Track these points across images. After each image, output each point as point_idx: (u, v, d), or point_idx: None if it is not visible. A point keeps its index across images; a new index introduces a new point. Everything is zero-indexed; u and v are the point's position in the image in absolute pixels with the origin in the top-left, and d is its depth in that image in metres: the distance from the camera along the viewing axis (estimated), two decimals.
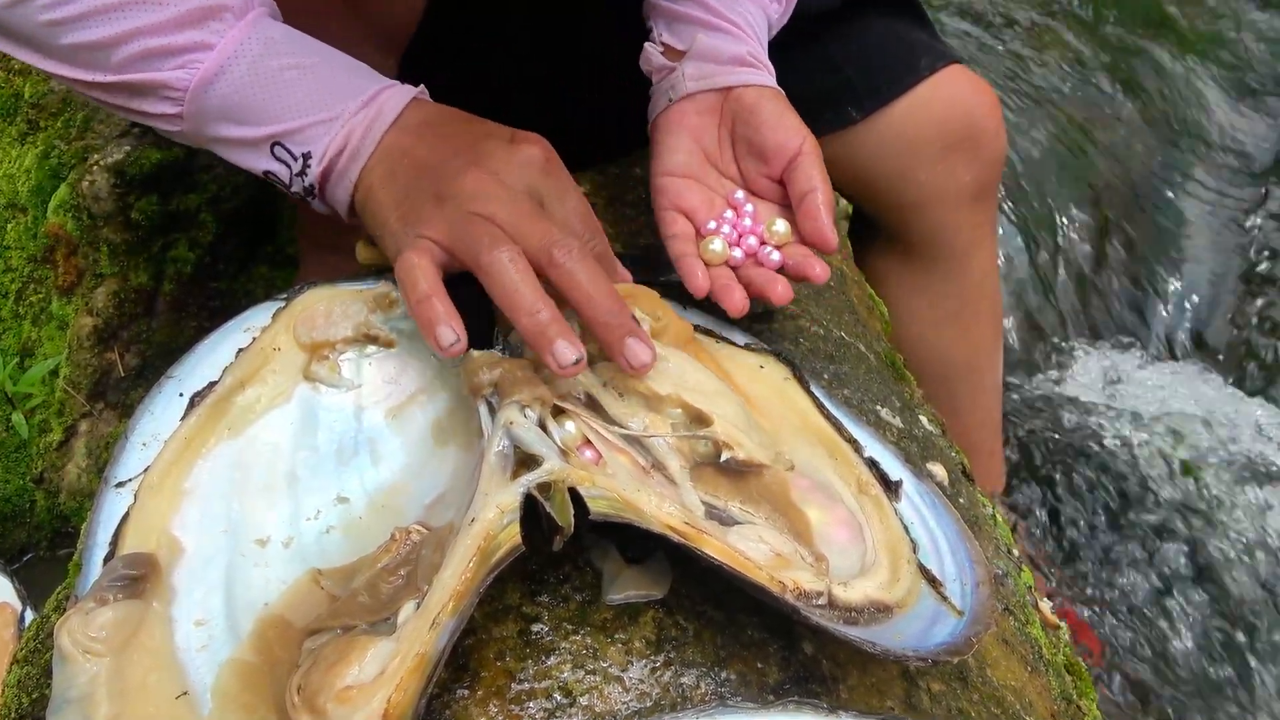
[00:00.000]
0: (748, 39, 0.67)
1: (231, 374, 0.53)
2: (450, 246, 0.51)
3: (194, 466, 0.49)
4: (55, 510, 0.99)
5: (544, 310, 0.48)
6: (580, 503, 0.43)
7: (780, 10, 0.72)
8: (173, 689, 0.41)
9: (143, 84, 0.53)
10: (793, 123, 0.64)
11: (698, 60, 0.66)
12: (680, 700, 0.43)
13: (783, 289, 0.60)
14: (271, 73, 0.53)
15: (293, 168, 0.54)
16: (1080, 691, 0.62)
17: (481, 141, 0.54)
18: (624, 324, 0.50)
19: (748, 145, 0.65)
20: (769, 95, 0.65)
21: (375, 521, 0.49)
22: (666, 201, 0.65)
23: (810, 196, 0.61)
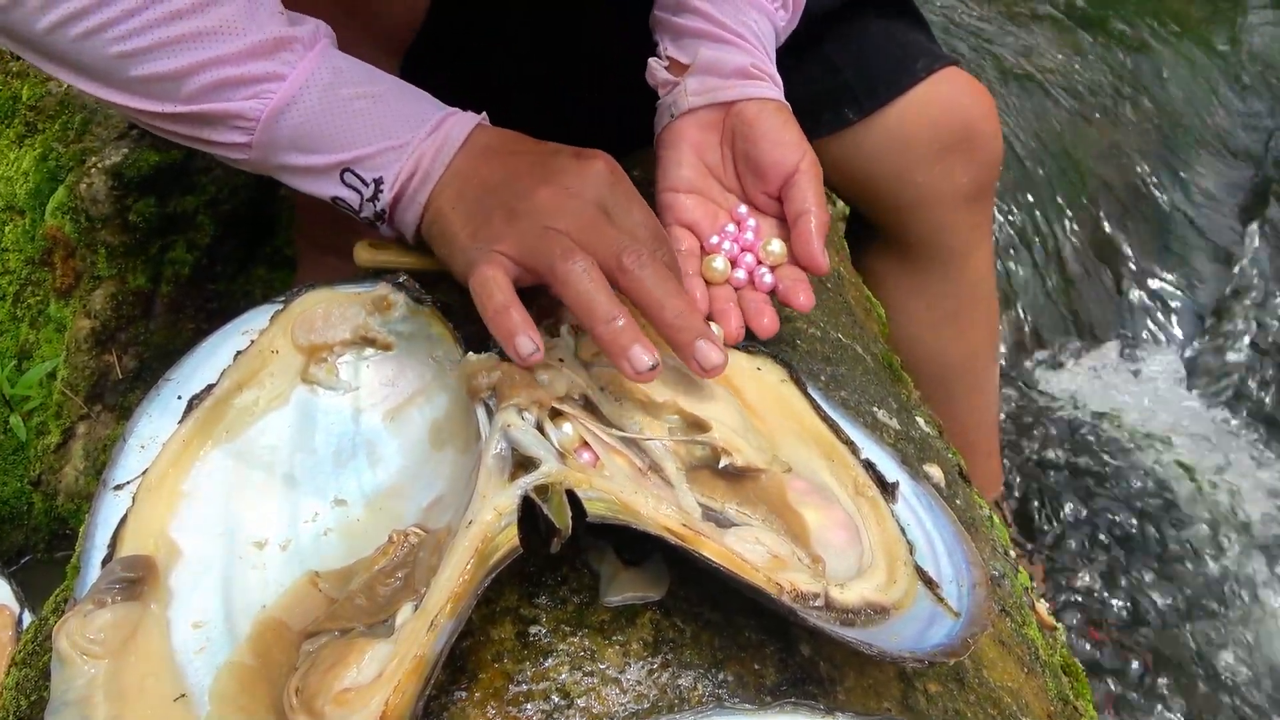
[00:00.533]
0: (753, 50, 0.67)
1: (229, 377, 0.53)
2: (523, 259, 0.52)
3: (192, 469, 0.49)
4: (53, 512, 0.99)
5: (620, 318, 0.49)
6: (578, 505, 0.43)
7: (788, 18, 0.72)
8: (171, 691, 0.41)
9: (214, 114, 0.54)
10: (792, 138, 0.64)
11: (701, 74, 0.67)
12: (678, 702, 0.43)
13: (769, 321, 0.61)
14: (342, 102, 0.55)
15: (364, 193, 0.56)
16: (1077, 692, 0.62)
17: (549, 159, 0.56)
18: (693, 326, 0.51)
19: (747, 161, 0.65)
20: (770, 110, 0.65)
21: (373, 524, 0.49)
22: (671, 217, 0.65)
23: (803, 219, 0.62)
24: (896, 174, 0.88)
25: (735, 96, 0.65)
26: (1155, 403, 1.48)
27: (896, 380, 0.75)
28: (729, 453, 0.50)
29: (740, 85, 0.66)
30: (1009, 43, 1.88)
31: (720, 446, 0.50)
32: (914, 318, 0.96)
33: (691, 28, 0.68)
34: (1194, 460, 1.39)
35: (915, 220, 0.91)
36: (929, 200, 0.89)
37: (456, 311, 0.56)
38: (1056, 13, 1.98)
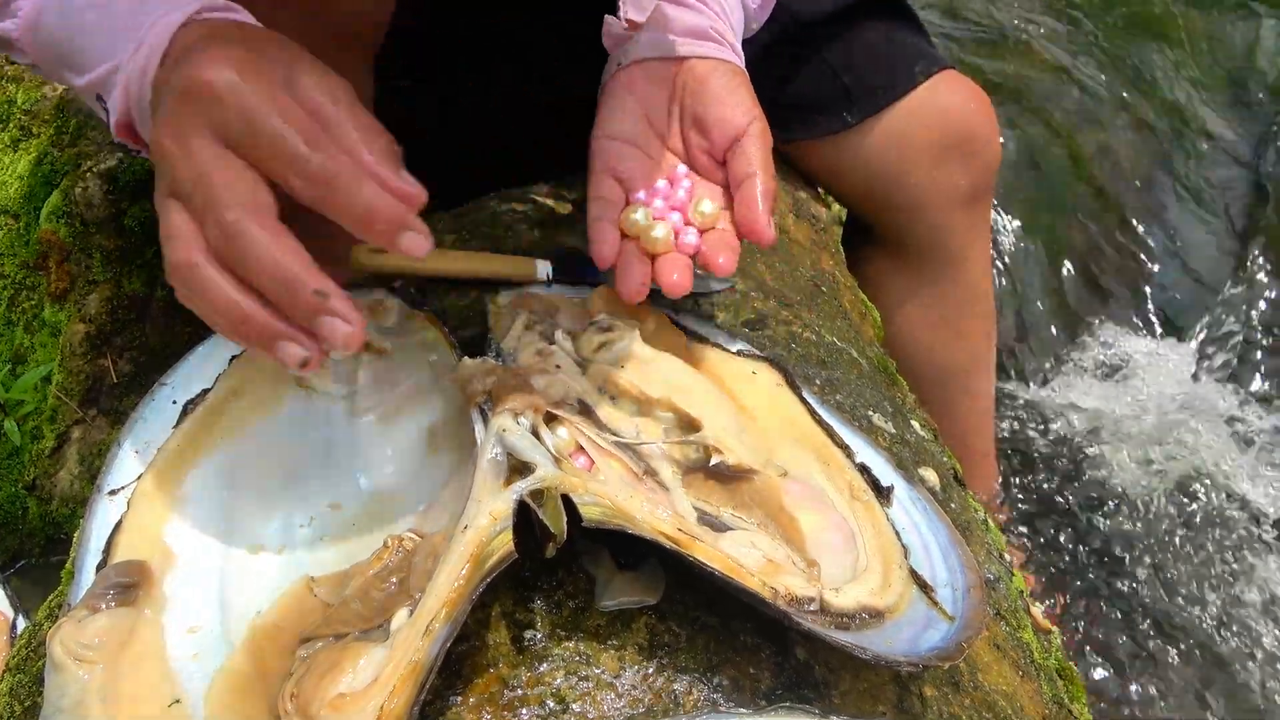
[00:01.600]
0: (714, 16, 0.64)
1: (225, 382, 0.53)
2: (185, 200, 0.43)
3: (187, 474, 0.49)
4: (48, 517, 0.99)
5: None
6: (573, 510, 0.43)
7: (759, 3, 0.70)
8: (165, 697, 0.41)
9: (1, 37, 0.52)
10: (743, 100, 0.60)
11: (655, 30, 0.63)
12: (673, 706, 0.43)
13: (679, 278, 0.55)
14: (76, 13, 0.50)
15: (107, 119, 0.51)
16: (1072, 696, 0.62)
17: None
18: (309, 304, 0.42)
19: (693, 120, 0.61)
20: (724, 70, 0.62)
21: (368, 529, 0.49)
22: (600, 164, 0.61)
23: (748, 182, 0.57)
24: (894, 177, 0.88)
25: (688, 53, 0.62)
26: (1153, 404, 1.49)
27: (892, 384, 0.75)
28: (720, 451, 0.50)
29: (695, 44, 0.62)
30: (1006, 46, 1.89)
31: (712, 445, 0.50)
32: (911, 320, 0.96)
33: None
34: (1193, 461, 1.39)
35: (913, 223, 0.91)
36: (927, 203, 0.89)
37: (451, 317, 0.56)
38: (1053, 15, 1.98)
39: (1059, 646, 0.67)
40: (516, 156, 0.80)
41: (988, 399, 1.05)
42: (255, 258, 0.41)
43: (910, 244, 0.93)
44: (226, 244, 0.41)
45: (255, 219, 0.41)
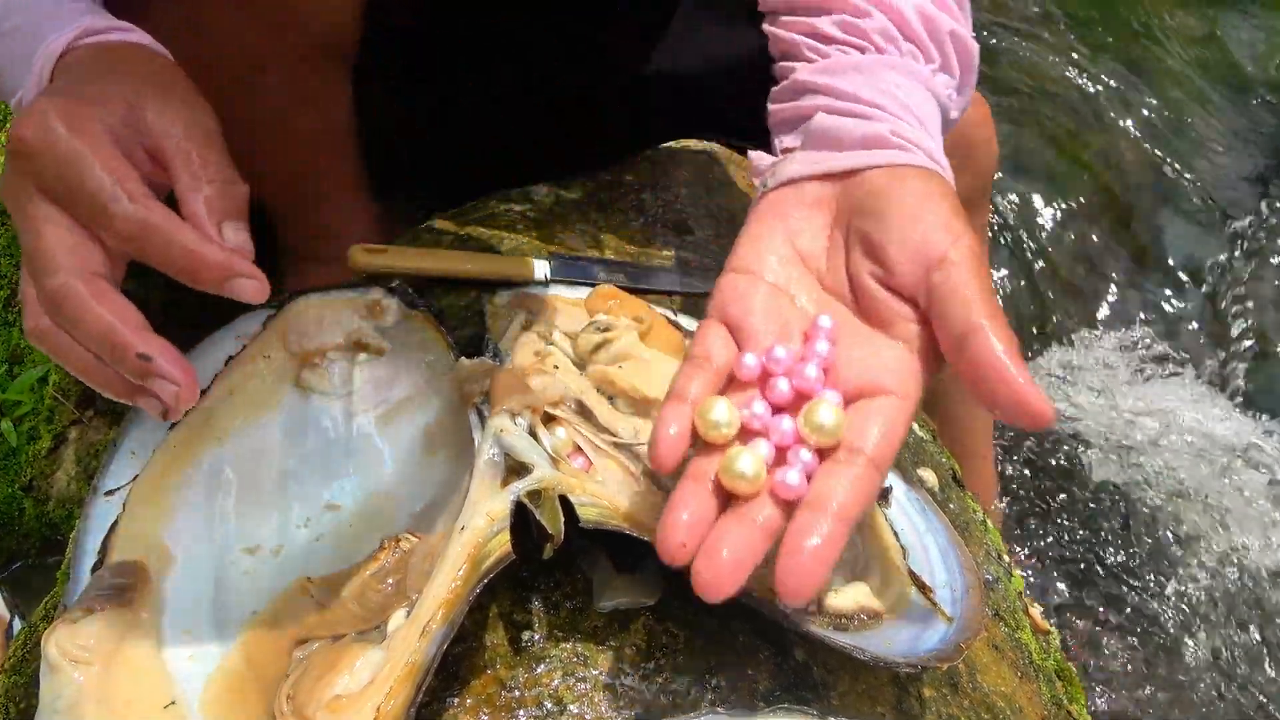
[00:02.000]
0: (892, 117, 0.47)
1: (222, 382, 0.53)
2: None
3: (184, 475, 0.49)
4: (44, 518, 0.99)
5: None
6: (570, 510, 0.43)
7: (955, 85, 0.52)
8: (161, 698, 0.41)
9: None
10: (940, 214, 0.43)
11: (812, 147, 0.48)
12: (671, 708, 0.43)
13: (794, 583, 0.36)
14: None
15: None
16: (1070, 696, 0.62)
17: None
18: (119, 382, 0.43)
19: (866, 245, 0.44)
20: (912, 177, 0.45)
21: (365, 529, 0.49)
22: (712, 306, 0.45)
23: (975, 338, 0.39)
24: None
25: (857, 164, 0.46)
26: (1152, 406, 1.49)
27: None
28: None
29: (868, 154, 0.46)
30: (1002, 49, 1.89)
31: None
32: None
33: (809, 107, 0.50)
34: (1192, 463, 1.39)
35: None
36: None
37: (449, 317, 0.56)
38: (1049, 18, 1.99)
39: (1057, 647, 0.67)
40: (516, 156, 0.80)
41: None
42: (80, 324, 0.41)
43: None
44: (54, 311, 0.41)
45: (80, 282, 0.41)
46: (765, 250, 0.45)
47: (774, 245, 0.45)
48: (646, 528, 0.44)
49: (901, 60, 0.50)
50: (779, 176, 0.48)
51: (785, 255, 0.45)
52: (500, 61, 0.79)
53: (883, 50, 0.50)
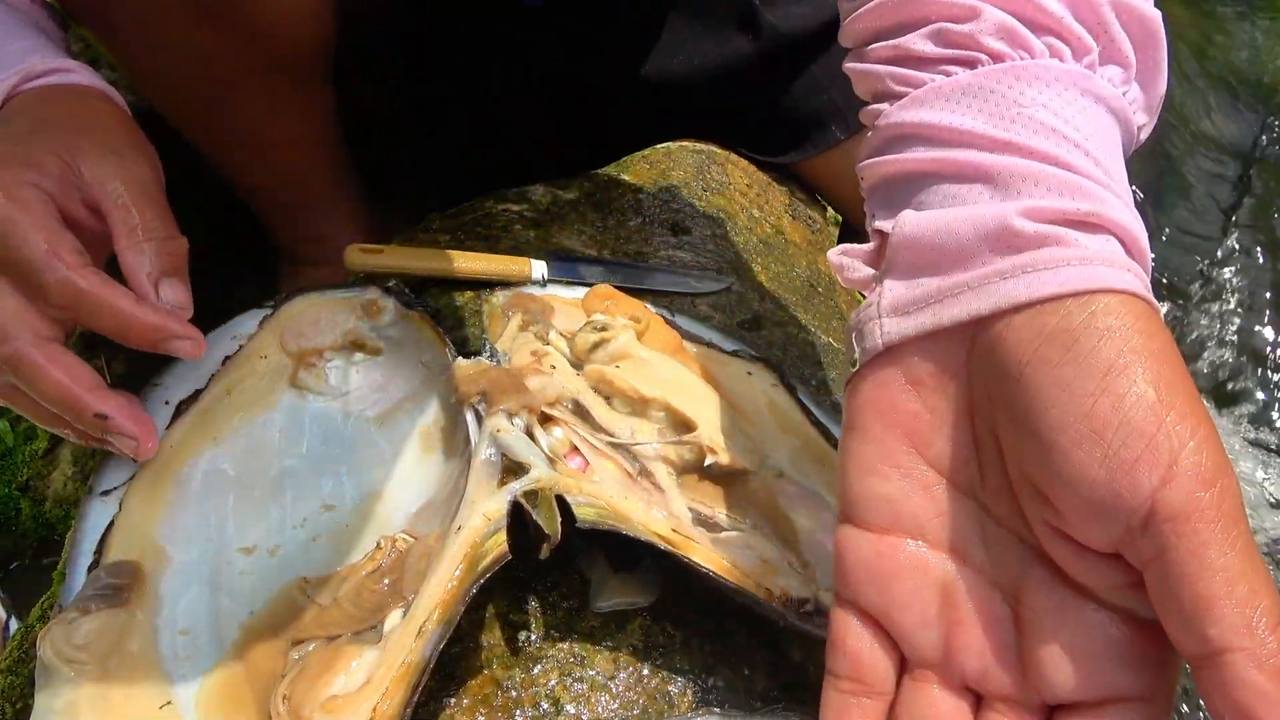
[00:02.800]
0: (1032, 163, 0.30)
1: (218, 382, 0.52)
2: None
3: (179, 475, 0.49)
4: (41, 518, 0.98)
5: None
6: (567, 510, 0.43)
7: (1145, 104, 0.34)
8: (157, 699, 0.41)
9: None
10: (1132, 421, 0.25)
11: (903, 268, 0.32)
12: (668, 708, 0.43)
13: None
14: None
15: None
16: None
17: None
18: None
19: (1019, 465, 0.29)
20: (1079, 324, 0.27)
21: (361, 529, 0.49)
22: (841, 585, 0.33)
23: (1227, 667, 0.24)
24: None
25: (982, 310, 0.29)
26: None
27: None
28: (714, 451, 0.50)
29: (985, 286, 0.29)
30: None
31: (706, 445, 0.50)
32: None
33: (898, 163, 0.34)
34: None
35: None
36: None
37: (446, 316, 0.56)
38: None
39: None
40: (513, 157, 0.80)
41: None
42: (37, 387, 0.42)
43: None
44: (13, 373, 0.42)
45: (32, 349, 0.42)
46: (887, 481, 0.31)
47: (898, 468, 0.31)
48: (644, 528, 0.44)
49: (1038, 63, 0.32)
50: (870, 340, 0.32)
51: (909, 480, 0.31)
52: (498, 62, 0.79)
53: (1004, 57, 0.32)
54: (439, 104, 0.80)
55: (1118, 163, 0.30)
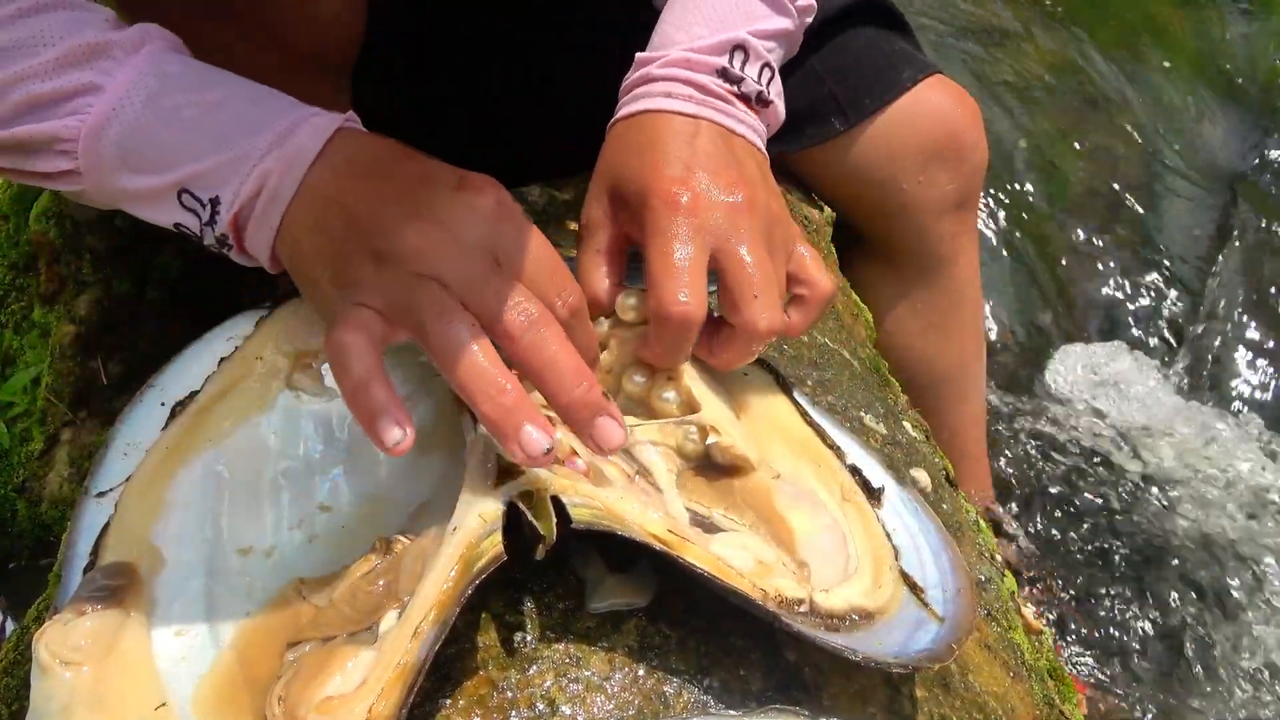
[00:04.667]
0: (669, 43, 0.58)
1: (214, 383, 0.52)
2: (392, 316, 0.44)
3: (175, 476, 0.49)
4: (37, 519, 0.98)
5: (507, 393, 0.42)
6: (563, 511, 0.43)
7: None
8: (152, 700, 0.41)
9: (32, 139, 0.47)
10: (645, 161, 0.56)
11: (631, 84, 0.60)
12: (663, 708, 0.43)
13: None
14: (169, 111, 0.47)
15: (201, 216, 0.48)
16: (1063, 696, 0.63)
17: (423, 186, 0.47)
18: (591, 402, 0.44)
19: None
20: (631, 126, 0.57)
21: (358, 530, 0.49)
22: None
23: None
24: (882, 182, 0.88)
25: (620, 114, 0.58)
26: (1143, 405, 1.49)
27: (884, 385, 0.75)
28: (717, 432, 0.50)
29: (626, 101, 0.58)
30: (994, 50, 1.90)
31: (710, 425, 0.50)
32: (900, 324, 0.97)
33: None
34: (1183, 461, 1.40)
35: (901, 228, 0.91)
36: (914, 208, 0.89)
37: None
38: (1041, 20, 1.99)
39: (1050, 647, 0.67)
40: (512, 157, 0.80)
41: (979, 401, 1.05)
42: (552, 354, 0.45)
43: (899, 249, 0.94)
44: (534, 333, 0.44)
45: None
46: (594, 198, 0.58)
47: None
48: (640, 528, 0.44)
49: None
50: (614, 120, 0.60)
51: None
52: (494, 62, 0.79)
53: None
54: (437, 104, 0.80)
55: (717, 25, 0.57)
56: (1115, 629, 1.21)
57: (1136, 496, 1.35)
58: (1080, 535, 1.30)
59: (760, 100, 0.58)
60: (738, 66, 0.57)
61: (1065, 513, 1.33)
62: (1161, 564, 1.27)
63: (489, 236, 0.46)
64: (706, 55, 0.57)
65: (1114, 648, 1.19)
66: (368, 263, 0.45)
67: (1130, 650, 1.19)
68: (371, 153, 0.48)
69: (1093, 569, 1.27)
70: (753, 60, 0.58)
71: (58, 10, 0.48)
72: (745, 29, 0.58)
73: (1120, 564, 1.27)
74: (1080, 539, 1.30)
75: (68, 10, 0.48)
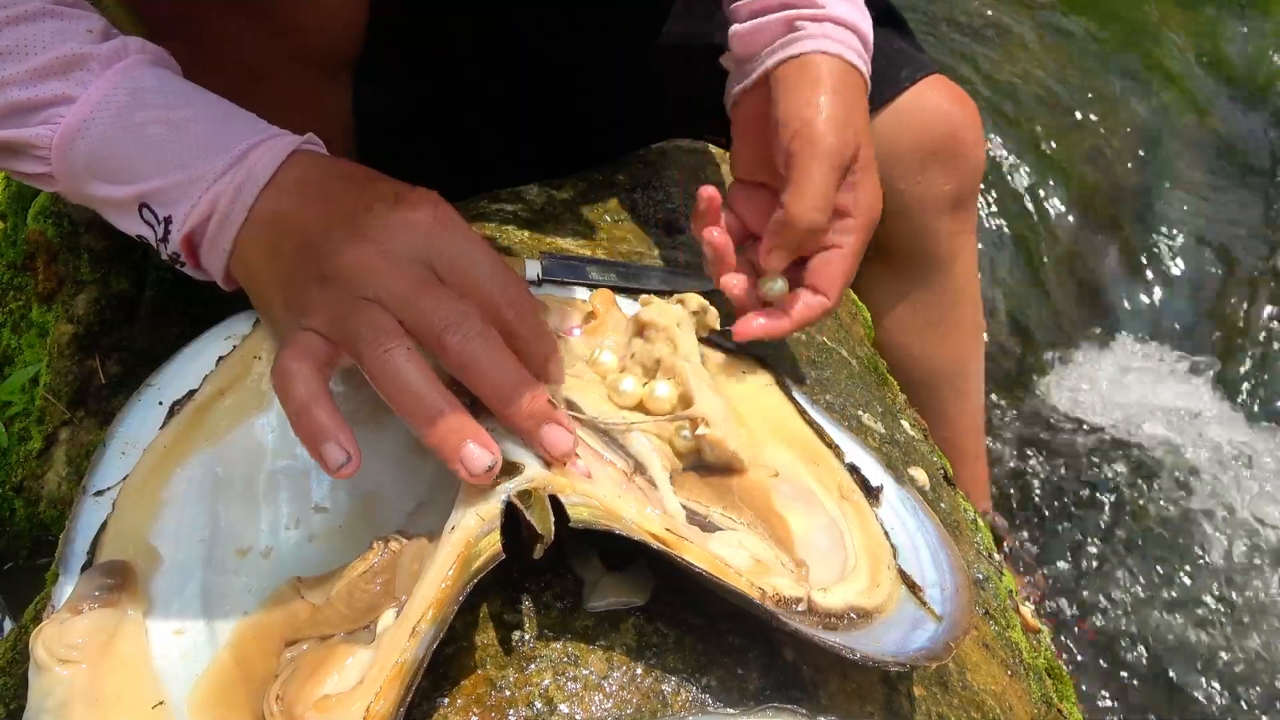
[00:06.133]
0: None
1: (211, 382, 0.52)
2: (334, 337, 0.44)
3: (173, 475, 0.49)
4: (35, 519, 0.98)
5: (444, 414, 0.42)
6: (560, 510, 0.43)
7: None
8: (149, 698, 0.41)
9: (10, 142, 0.49)
10: (792, 102, 0.58)
11: (741, 51, 0.63)
12: (661, 707, 0.43)
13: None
14: (135, 127, 0.48)
15: (156, 232, 0.49)
16: (1061, 695, 0.63)
17: (364, 207, 0.46)
18: (534, 412, 0.44)
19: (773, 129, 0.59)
20: (793, 68, 0.59)
21: (355, 530, 0.49)
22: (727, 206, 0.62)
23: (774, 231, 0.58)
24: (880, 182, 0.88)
25: (770, 65, 0.60)
26: (1143, 405, 1.49)
27: (882, 384, 0.75)
28: (709, 424, 0.50)
29: (775, 50, 0.60)
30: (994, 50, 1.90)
31: (700, 418, 0.50)
32: (899, 324, 0.97)
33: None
34: (1184, 462, 1.40)
35: (899, 227, 0.91)
36: (913, 208, 0.89)
37: None
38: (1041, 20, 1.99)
39: (1048, 646, 0.67)
40: (508, 156, 0.80)
41: (978, 401, 1.05)
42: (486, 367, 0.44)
43: (897, 248, 0.93)
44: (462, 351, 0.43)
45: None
46: (741, 157, 0.66)
47: (744, 154, 0.66)
48: (637, 527, 0.44)
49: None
50: (731, 97, 0.66)
51: (754, 158, 0.64)
52: (493, 62, 0.79)
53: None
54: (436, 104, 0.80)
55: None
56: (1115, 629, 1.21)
57: (1137, 496, 1.35)
58: (1080, 535, 1.31)
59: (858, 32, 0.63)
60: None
61: (1065, 512, 1.33)
62: (1162, 564, 1.28)
63: (424, 249, 0.45)
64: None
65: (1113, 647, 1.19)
66: (314, 286, 0.45)
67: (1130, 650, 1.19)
68: (321, 173, 0.49)
69: (1092, 568, 1.27)
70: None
71: (45, 19, 0.49)
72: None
73: (1120, 564, 1.27)
74: (1080, 539, 1.30)
75: (56, 20, 0.49)
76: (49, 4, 0.49)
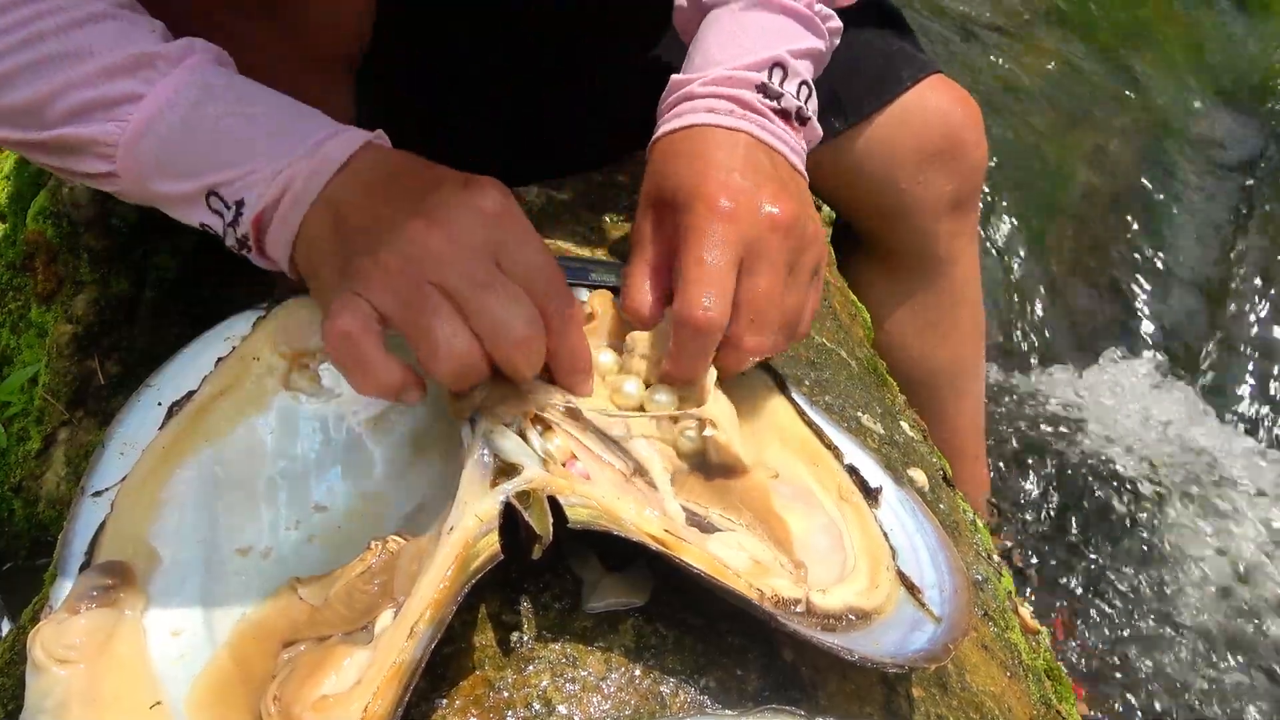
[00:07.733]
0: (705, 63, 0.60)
1: (211, 383, 0.52)
2: (391, 313, 0.45)
3: (172, 476, 0.49)
4: (34, 519, 0.98)
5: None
6: (559, 511, 0.43)
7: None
8: (147, 699, 0.41)
9: (74, 141, 0.50)
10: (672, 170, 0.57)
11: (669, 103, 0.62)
12: (660, 708, 0.43)
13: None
14: (209, 120, 0.49)
15: (225, 217, 0.50)
16: (1060, 696, 0.63)
17: (433, 192, 0.48)
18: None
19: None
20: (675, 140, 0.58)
21: (355, 531, 0.49)
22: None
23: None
24: (881, 182, 0.88)
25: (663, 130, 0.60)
26: (1143, 407, 1.49)
27: (881, 385, 0.75)
28: (714, 425, 0.50)
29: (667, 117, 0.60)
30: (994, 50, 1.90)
31: (709, 419, 0.50)
32: (899, 324, 0.97)
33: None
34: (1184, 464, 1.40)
35: (900, 228, 0.91)
36: (913, 208, 0.89)
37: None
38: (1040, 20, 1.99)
39: (1047, 647, 0.67)
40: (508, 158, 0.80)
41: (978, 402, 1.05)
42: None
43: (898, 249, 0.93)
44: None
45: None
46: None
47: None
48: (636, 529, 0.44)
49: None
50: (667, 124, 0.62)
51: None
52: (493, 62, 0.79)
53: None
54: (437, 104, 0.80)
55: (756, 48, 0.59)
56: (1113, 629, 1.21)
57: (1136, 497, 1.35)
58: (1079, 535, 1.31)
59: (799, 117, 0.60)
60: (777, 83, 0.59)
61: (1064, 513, 1.33)
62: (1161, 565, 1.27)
63: (490, 238, 0.47)
64: (746, 72, 0.58)
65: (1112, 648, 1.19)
66: (375, 259, 0.46)
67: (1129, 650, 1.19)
68: (391, 162, 0.51)
69: (1091, 569, 1.27)
70: (791, 77, 0.59)
71: (107, 21, 0.50)
72: (783, 48, 0.60)
73: (1119, 565, 1.27)
74: (1079, 539, 1.30)
75: (117, 21, 0.50)
76: (110, 6, 0.50)
